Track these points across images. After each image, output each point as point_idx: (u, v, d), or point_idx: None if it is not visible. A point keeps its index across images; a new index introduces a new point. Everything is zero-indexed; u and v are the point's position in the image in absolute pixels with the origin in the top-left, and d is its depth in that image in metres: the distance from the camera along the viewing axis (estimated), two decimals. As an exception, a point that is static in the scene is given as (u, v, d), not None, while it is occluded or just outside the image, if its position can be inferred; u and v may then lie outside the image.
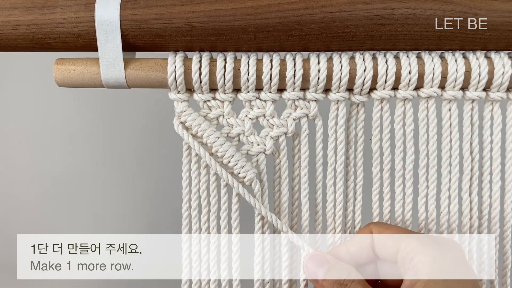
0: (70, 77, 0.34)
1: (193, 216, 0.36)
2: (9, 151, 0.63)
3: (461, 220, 0.36)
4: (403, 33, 0.32)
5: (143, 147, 0.61)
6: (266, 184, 0.36)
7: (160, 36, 0.33)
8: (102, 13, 0.32)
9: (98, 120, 0.62)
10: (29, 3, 0.33)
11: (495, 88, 0.34)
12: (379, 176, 0.36)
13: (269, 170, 0.36)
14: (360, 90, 0.34)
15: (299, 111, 0.35)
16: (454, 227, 0.36)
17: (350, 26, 0.32)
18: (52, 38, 0.33)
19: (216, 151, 0.35)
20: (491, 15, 0.32)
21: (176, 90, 0.34)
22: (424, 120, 0.35)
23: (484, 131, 0.35)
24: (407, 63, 0.33)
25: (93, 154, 0.62)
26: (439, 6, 0.32)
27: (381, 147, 0.35)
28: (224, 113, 0.35)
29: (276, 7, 0.32)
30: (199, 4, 0.32)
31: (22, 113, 0.62)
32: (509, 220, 0.36)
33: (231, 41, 0.33)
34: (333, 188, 0.36)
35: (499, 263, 0.37)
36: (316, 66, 0.33)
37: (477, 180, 0.36)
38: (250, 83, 0.34)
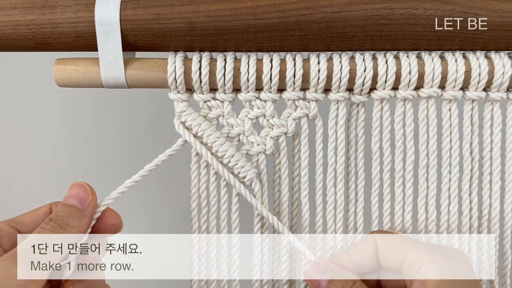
0: (70, 77, 0.34)
1: (192, 215, 0.36)
2: (9, 151, 0.63)
3: (461, 220, 0.36)
4: (403, 33, 0.32)
5: (143, 147, 0.61)
6: (266, 184, 0.36)
7: (160, 36, 0.33)
8: (102, 13, 0.32)
9: (98, 120, 0.62)
10: (29, 3, 0.33)
11: (495, 88, 0.34)
12: (379, 176, 0.36)
13: (269, 170, 0.36)
14: (360, 90, 0.34)
15: (299, 111, 0.35)
16: (454, 227, 0.36)
17: (350, 26, 0.32)
18: (52, 38, 0.33)
19: (216, 151, 0.35)
20: (491, 15, 0.32)
21: (176, 90, 0.34)
22: (424, 120, 0.35)
23: (484, 131, 0.35)
24: (407, 63, 0.33)
25: (93, 154, 0.62)
26: (439, 6, 0.32)
27: (381, 147, 0.35)
28: (224, 113, 0.35)
29: (276, 7, 0.32)
30: (199, 4, 0.32)
31: (22, 113, 0.62)
32: (509, 220, 0.36)
33: (231, 41, 0.33)
34: (333, 188, 0.36)
35: (499, 263, 0.37)
36: (316, 66, 0.33)
37: (477, 180, 0.36)
38: (250, 83, 0.34)
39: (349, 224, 0.36)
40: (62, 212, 0.29)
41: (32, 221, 0.31)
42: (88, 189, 0.31)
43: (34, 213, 0.31)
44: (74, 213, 0.29)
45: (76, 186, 0.31)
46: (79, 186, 0.31)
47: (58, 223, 0.28)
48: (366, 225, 0.36)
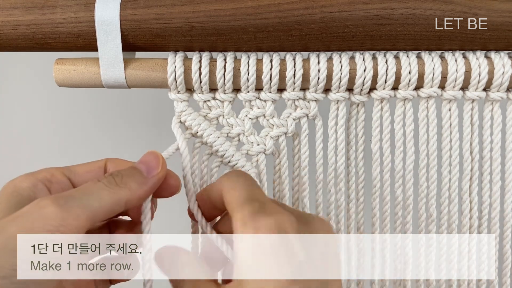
0: (70, 77, 0.34)
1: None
2: (9, 151, 0.63)
3: (461, 220, 0.36)
4: (403, 33, 0.32)
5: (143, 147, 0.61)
6: (266, 184, 0.36)
7: (160, 36, 0.33)
8: (102, 13, 0.32)
9: (98, 120, 0.62)
10: (29, 3, 0.33)
11: (495, 88, 0.34)
12: (379, 177, 0.36)
13: (269, 170, 0.36)
14: (360, 90, 0.34)
15: (299, 111, 0.35)
16: (454, 227, 0.36)
17: (350, 26, 0.32)
18: (52, 38, 0.33)
19: (216, 151, 0.35)
20: (491, 15, 0.32)
21: (176, 90, 0.34)
22: (424, 120, 0.35)
23: (484, 131, 0.35)
24: (407, 63, 0.33)
25: (93, 154, 0.62)
26: (439, 6, 0.32)
27: (381, 147, 0.35)
28: (224, 113, 0.35)
29: (276, 7, 0.32)
30: (199, 4, 0.32)
31: (22, 113, 0.62)
32: (509, 220, 0.36)
33: (231, 41, 0.33)
34: (333, 188, 0.36)
35: (499, 263, 0.37)
36: (316, 66, 0.33)
37: (477, 180, 0.36)
38: (250, 83, 0.34)
39: (350, 224, 0.36)
40: (126, 171, 0.28)
41: (86, 172, 0.30)
42: (160, 161, 0.29)
43: (89, 165, 0.30)
44: (136, 177, 0.28)
45: (151, 154, 0.30)
46: (153, 154, 0.30)
47: (116, 179, 0.27)
48: (366, 225, 0.36)
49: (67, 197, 0.25)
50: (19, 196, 0.27)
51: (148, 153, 0.30)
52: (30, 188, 0.28)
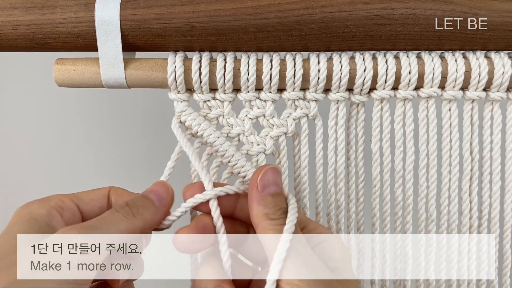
0: (70, 77, 0.34)
1: (192, 215, 0.36)
2: (9, 151, 0.63)
3: (461, 220, 0.36)
4: (403, 33, 0.32)
5: (143, 147, 0.61)
6: (266, 184, 0.36)
7: (160, 36, 0.33)
8: (102, 13, 0.32)
9: (98, 120, 0.62)
10: (29, 3, 0.33)
11: (495, 88, 0.34)
12: (379, 177, 0.36)
13: (269, 170, 0.36)
14: (360, 90, 0.34)
15: (299, 111, 0.35)
16: (454, 227, 0.36)
17: (350, 26, 0.32)
18: (52, 38, 0.33)
19: (216, 151, 0.35)
20: (491, 15, 0.32)
21: (176, 90, 0.34)
22: (424, 120, 0.35)
23: (484, 131, 0.35)
24: (407, 63, 0.33)
25: (93, 154, 0.62)
26: (439, 6, 0.32)
27: (381, 147, 0.35)
28: (224, 113, 0.35)
29: (276, 7, 0.32)
30: (199, 4, 0.32)
31: (22, 113, 0.62)
32: (509, 220, 0.36)
33: (231, 41, 0.33)
34: (333, 188, 0.36)
35: (499, 263, 0.37)
36: (316, 66, 0.33)
37: (477, 180, 0.36)
38: (250, 83, 0.34)
39: (350, 224, 0.36)
40: (141, 201, 0.30)
41: (91, 200, 0.31)
42: (170, 192, 0.31)
43: (94, 193, 0.32)
44: (150, 207, 0.30)
45: (160, 184, 0.31)
46: (162, 185, 0.31)
47: (133, 210, 0.29)
48: (366, 225, 0.36)
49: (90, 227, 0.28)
50: (38, 224, 0.29)
51: (157, 183, 0.32)
52: (46, 215, 0.29)
